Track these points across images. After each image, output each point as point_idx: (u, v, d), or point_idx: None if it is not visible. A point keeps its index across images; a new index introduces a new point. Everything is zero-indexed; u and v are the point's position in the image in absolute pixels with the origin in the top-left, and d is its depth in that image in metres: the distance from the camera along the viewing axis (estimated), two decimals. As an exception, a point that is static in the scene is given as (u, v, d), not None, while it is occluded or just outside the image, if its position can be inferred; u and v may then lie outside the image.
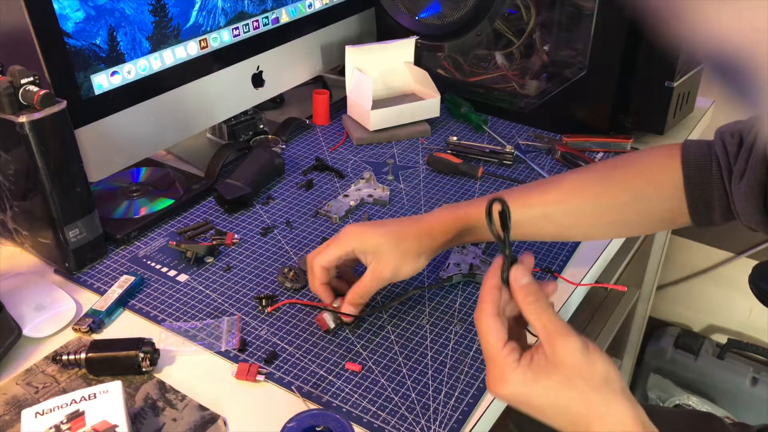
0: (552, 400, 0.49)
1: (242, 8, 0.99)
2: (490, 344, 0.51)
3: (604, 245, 0.88)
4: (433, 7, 1.16)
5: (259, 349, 0.71)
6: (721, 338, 1.70)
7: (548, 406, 0.49)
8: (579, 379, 0.48)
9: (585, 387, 0.48)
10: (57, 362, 0.68)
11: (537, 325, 0.50)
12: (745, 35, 0.32)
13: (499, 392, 0.50)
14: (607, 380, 0.48)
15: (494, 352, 0.50)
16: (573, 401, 0.48)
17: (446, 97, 1.18)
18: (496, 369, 0.50)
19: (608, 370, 0.49)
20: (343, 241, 0.70)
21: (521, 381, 0.49)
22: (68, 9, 0.77)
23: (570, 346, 0.48)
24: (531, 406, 0.50)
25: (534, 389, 0.49)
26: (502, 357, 0.50)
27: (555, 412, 0.49)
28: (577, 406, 0.48)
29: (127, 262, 0.83)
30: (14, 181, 0.76)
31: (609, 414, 0.48)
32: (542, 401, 0.49)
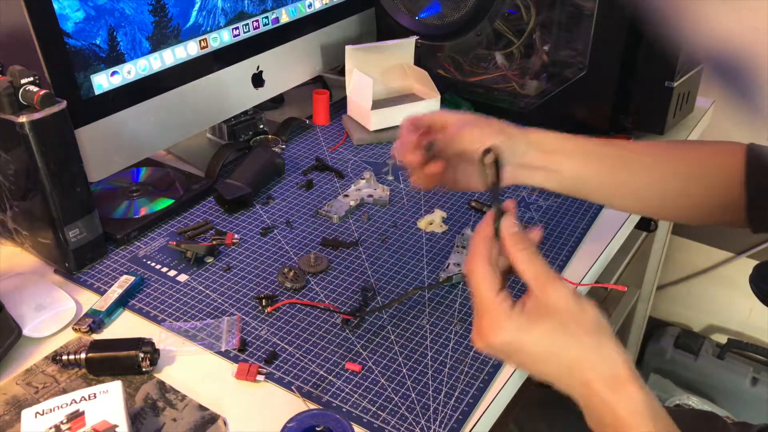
0: (546, 346, 0.49)
1: (242, 8, 0.99)
2: (483, 292, 0.50)
3: (604, 245, 0.88)
4: (433, 7, 1.16)
5: (259, 349, 0.71)
6: (721, 338, 1.70)
7: (542, 352, 0.49)
8: (573, 324, 0.48)
9: (578, 331, 0.48)
10: (57, 362, 0.68)
11: (528, 272, 0.50)
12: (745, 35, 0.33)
13: (493, 341, 0.49)
14: (599, 325, 0.48)
15: (488, 300, 0.50)
16: (567, 346, 0.48)
17: (446, 97, 1.18)
18: (488, 317, 0.49)
19: (598, 316, 0.49)
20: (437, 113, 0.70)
21: (515, 327, 0.49)
22: (68, 9, 0.77)
23: (562, 292, 0.49)
24: (524, 353, 0.49)
25: (529, 336, 0.49)
26: (495, 305, 0.49)
27: (548, 358, 0.49)
28: (570, 351, 0.48)
29: (127, 262, 0.83)
30: (14, 181, 0.76)
31: (602, 359, 0.48)
32: (536, 348, 0.49)
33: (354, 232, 0.90)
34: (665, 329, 1.72)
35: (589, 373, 0.48)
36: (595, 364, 0.48)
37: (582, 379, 0.49)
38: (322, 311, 0.76)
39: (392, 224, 0.91)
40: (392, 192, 0.98)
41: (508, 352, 0.50)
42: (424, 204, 0.95)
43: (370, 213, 0.93)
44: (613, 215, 0.93)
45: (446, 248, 0.86)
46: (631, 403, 0.47)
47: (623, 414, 0.47)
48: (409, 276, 0.81)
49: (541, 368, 0.50)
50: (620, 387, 0.48)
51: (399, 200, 0.96)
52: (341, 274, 0.82)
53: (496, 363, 0.69)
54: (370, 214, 0.93)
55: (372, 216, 0.93)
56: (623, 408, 0.47)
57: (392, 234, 0.89)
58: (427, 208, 0.95)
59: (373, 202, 0.95)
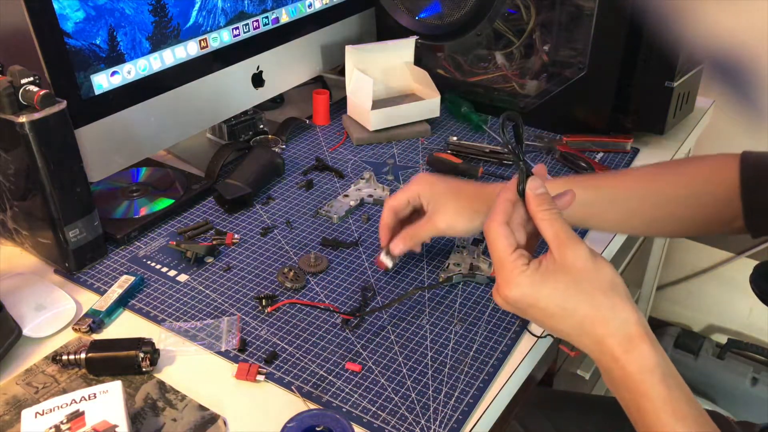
0: (560, 301, 0.50)
1: (242, 8, 0.99)
2: (499, 249, 0.52)
3: (604, 245, 0.88)
4: (433, 7, 1.16)
5: (259, 349, 0.71)
6: (721, 338, 1.70)
7: (555, 307, 0.50)
8: (587, 282, 0.50)
9: (592, 290, 0.50)
10: (57, 362, 0.68)
11: (548, 232, 0.51)
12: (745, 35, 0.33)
13: (508, 294, 0.51)
14: (614, 285, 0.50)
15: (503, 256, 0.52)
16: (580, 303, 0.50)
17: (446, 97, 1.18)
18: (504, 273, 0.51)
19: (614, 276, 0.50)
20: (413, 185, 0.75)
21: (529, 283, 0.50)
22: (68, 9, 0.77)
23: (579, 252, 0.50)
24: (538, 308, 0.51)
25: (542, 290, 0.50)
26: (510, 261, 0.51)
27: (561, 314, 0.50)
28: (584, 308, 0.50)
29: (127, 262, 0.83)
30: (14, 181, 0.76)
31: (614, 317, 0.50)
32: (549, 302, 0.50)
33: (354, 232, 0.90)
34: (665, 329, 1.72)
35: (601, 330, 0.50)
36: (607, 322, 0.50)
37: (594, 336, 0.50)
38: (322, 311, 0.76)
39: (392, 224, 0.91)
40: (392, 192, 0.98)
41: (523, 307, 0.52)
42: (424, 204, 0.95)
43: (370, 213, 0.93)
44: (613, 215, 0.93)
45: (446, 248, 0.86)
46: (642, 361, 0.49)
47: (633, 371, 0.49)
48: (409, 276, 0.81)
49: (554, 324, 0.51)
50: (632, 346, 0.49)
51: (399, 200, 0.96)
52: (341, 274, 0.82)
53: (496, 363, 0.69)
54: (370, 214, 0.93)
55: (372, 216, 0.93)
56: (634, 366, 0.49)
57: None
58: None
59: (373, 202, 0.95)
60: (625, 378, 0.49)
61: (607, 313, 0.50)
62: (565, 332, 0.52)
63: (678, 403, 0.49)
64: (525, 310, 0.52)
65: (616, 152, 1.07)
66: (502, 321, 0.74)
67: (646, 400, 0.49)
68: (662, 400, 0.49)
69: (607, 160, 1.06)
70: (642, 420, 0.50)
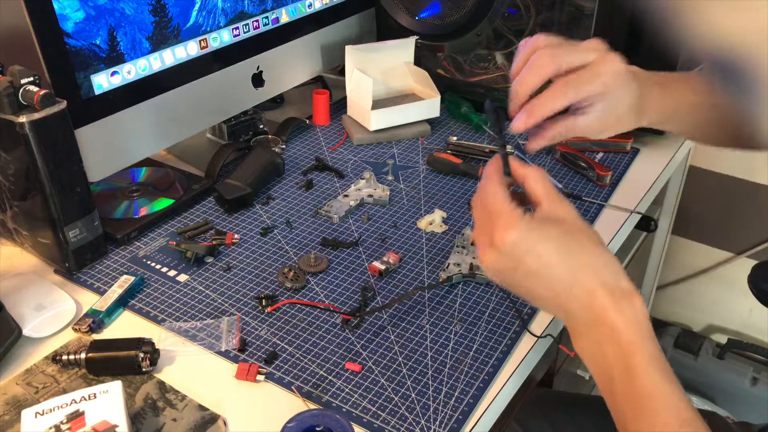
0: (556, 248, 0.50)
1: (242, 8, 0.99)
2: (498, 200, 0.52)
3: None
4: (433, 7, 1.15)
5: (259, 349, 0.71)
6: (721, 338, 1.70)
7: (553, 251, 0.50)
8: (580, 233, 0.51)
9: (585, 240, 0.51)
10: (57, 362, 0.68)
11: (538, 189, 0.53)
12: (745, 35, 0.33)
13: (506, 238, 0.51)
14: (602, 240, 0.52)
15: (501, 205, 0.52)
16: (575, 250, 0.51)
17: (446, 97, 1.18)
18: (503, 219, 0.51)
19: (601, 238, 0.52)
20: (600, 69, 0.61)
21: (527, 228, 0.51)
22: (68, 9, 0.77)
23: (569, 207, 0.52)
24: (534, 255, 0.50)
25: (540, 235, 0.51)
26: (509, 209, 0.52)
27: (558, 262, 0.50)
28: (579, 256, 0.50)
29: (127, 262, 0.83)
30: (14, 181, 0.76)
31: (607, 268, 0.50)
32: (548, 246, 0.50)
33: (354, 232, 0.90)
34: (665, 329, 1.72)
35: (594, 279, 0.50)
36: (601, 272, 0.50)
37: (586, 286, 0.50)
38: (322, 311, 0.76)
39: (392, 224, 0.91)
40: (392, 192, 0.98)
41: (520, 254, 0.51)
42: (424, 204, 0.95)
43: (370, 213, 0.93)
44: (613, 215, 0.94)
45: (446, 248, 0.86)
46: (632, 313, 0.49)
47: (621, 323, 0.49)
48: (409, 276, 0.81)
49: (549, 274, 0.51)
50: (623, 297, 0.49)
51: (399, 200, 0.96)
52: (341, 274, 0.82)
53: (496, 363, 0.69)
54: (370, 214, 0.93)
55: (372, 216, 0.93)
56: (625, 317, 0.49)
57: (392, 234, 0.89)
58: (427, 208, 0.95)
59: (373, 202, 0.95)
60: (614, 332, 0.49)
61: (601, 263, 0.50)
62: (555, 285, 0.51)
63: (664, 362, 0.49)
64: (520, 258, 0.51)
65: (616, 152, 1.07)
66: (502, 321, 0.74)
67: (636, 355, 0.49)
68: (651, 356, 0.49)
69: (607, 160, 1.06)
70: (629, 379, 0.49)
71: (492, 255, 0.53)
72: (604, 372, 0.51)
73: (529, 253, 0.51)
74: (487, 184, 0.54)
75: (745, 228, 1.57)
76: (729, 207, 1.57)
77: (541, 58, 0.60)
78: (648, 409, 0.48)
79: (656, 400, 0.48)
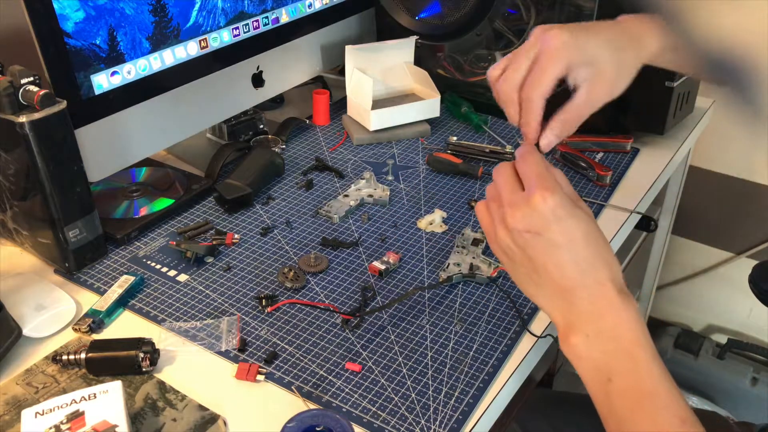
0: (585, 228, 0.52)
1: (242, 8, 0.99)
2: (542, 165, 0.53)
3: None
4: (433, 7, 1.15)
5: (259, 349, 0.71)
6: (721, 338, 1.70)
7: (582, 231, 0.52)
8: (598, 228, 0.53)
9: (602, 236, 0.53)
10: (57, 362, 0.68)
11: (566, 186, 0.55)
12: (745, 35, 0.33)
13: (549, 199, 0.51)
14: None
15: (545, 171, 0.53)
16: (600, 240, 0.53)
17: (446, 97, 1.18)
18: (548, 181, 0.52)
19: None
20: (560, 54, 0.59)
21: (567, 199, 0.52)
22: (68, 9, 0.77)
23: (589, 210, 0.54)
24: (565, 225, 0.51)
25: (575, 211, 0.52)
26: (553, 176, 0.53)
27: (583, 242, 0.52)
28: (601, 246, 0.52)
29: (127, 262, 0.83)
30: (14, 181, 0.76)
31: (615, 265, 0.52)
32: (580, 222, 0.52)
33: (354, 232, 0.90)
34: (665, 329, 1.72)
35: (607, 272, 0.51)
36: (612, 267, 0.52)
37: (599, 277, 0.51)
38: (322, 311, 0.76)
39: (392, 224, 0.91)
40: (392, 192, 0.98)
41: (552, 219, 0.51)
42: (424, 204, 0.95)
43: (370, 213, 0.93)
44: (613, 215, 0.94)
45: (446, 248, 0.86)
46: (634, 311, 0.50)
47: (626, 319, 0.50)
48: (409, 276, 0.81)
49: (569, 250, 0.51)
50: (625, 293, 0.51)
51: (399, 200, 0.96)
52: (341, 274, 0.82)
53: (496, 363, 0.69)
54: (370, 214, 0.93)
55: (372, 216, 0.93)
56: (628, 313, 0.50)
57: (392, 234, 0.89)
58: (427, 208, 0.95)
59: (373, 202, 0.95)
60: (619, 326, 0.50)
61: (612, 260, 0.52)
62: (570, 265, 0.52)
63: (662, 362, 0.51)
64: (550, 224, 0.51)
65: (616, 152, 1.07)
66: (502, 321, 0.74)
67: (640, 348, 0.50)
68: (653, 353, 0.50)
69: (607, 160, 1.05)
70: (633, 373, 0.50)
71: (523, 211, 0.52)
72: (600, 369, 0.51)
73: (561, 221, 0.51)
74: (528, 154, 0.55)
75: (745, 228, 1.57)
76: (729, 207, 1.57)
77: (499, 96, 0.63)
78: (650, 407, 0.49)
79: (658, 398, 0.48)
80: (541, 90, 0.60)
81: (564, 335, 0.53)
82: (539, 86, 0.59)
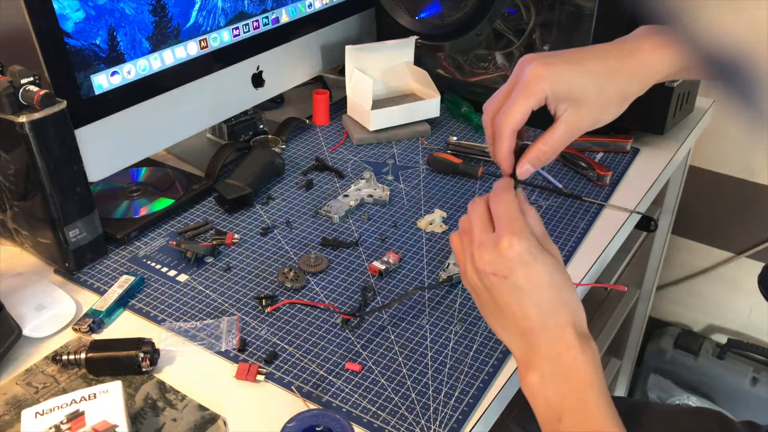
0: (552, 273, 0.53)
1: (242, 8, 0.99)
2: (513, 207, 0.55)
3: (604, 245, 0.88)
4: (433, 7, 1.15)
5: (259, 349, 0.71)
6: (721, 338, 1.70)
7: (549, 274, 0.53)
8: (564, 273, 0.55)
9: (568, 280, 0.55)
10: (57, 362, 0.68)
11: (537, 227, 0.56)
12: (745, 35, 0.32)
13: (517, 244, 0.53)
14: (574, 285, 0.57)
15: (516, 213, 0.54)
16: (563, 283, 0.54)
17: (446, 97, 1.18)
18: (517, 224, 0.54)
19: None
20: (534, 88, 0.58)
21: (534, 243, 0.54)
22: (68, 9, 0.77)
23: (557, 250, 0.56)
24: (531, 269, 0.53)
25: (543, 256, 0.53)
26: (523, 219, 0.54)
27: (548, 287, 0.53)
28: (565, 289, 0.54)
29: (127, 262, 0.83)
30: (14, 181, 0.76)
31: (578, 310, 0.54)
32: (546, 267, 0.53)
33: (354, 232, 0.90)
34: (665, 329, 1.72)
35: (569, 317, 0.53)
36: (575, 312, 0.53)
37: (560, 321, 0.53)
38: (322, 311, 0.76)
39: (392, 224, 0.91)
40: (392, 192, 0.98)
41: (517, 263, 0.53)
42: (424, 204, 0.95)
43: (370, 213, 0.93)
44: (613, 215, 0.94)
45: (446, 248, 0.86)
46: (592, 354, 0.52)
47: (584, 362, 0.52)
48: (409, 276, 0.81)
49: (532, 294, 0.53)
50: (586, 339, 0.53)
51: (399, 200, 0.96)
52: (341, 274, 0.82)
53: (496, 363, 0.69)
54: (370, 214, 0.93)
55: (372, 216, 0.93)
56: (586, 356, 0.52)
57: (392, 234, 0.89)
58: (427, 208, 0.95)
59: (373, 202, 0.95)
60: (573, 368, 0.52)
61: (575, 305, 0.54)
62: (533, 309, 0.53)
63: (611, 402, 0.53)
64: (514, 268, 0.53)
65: (616, 152, 1.07)
66: (502, 321, 0.74)
67: (591, 390, 0.52)
68: (603, 392, 0.52)
69: (607, 160, 1.06)
70: (582, 411, 0.52)
71: (491, 255, 0.54)
72: (553, 409, 0.53)
73: (526, 265, 0.53)
74: (502, 192, 0.56)
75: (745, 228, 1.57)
76: (729, 207, 1.57)
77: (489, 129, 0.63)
78: None
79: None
80: (509, 122, 0.59)
81: (522, 372, 0.55)
82: (508, 118, 0.59)
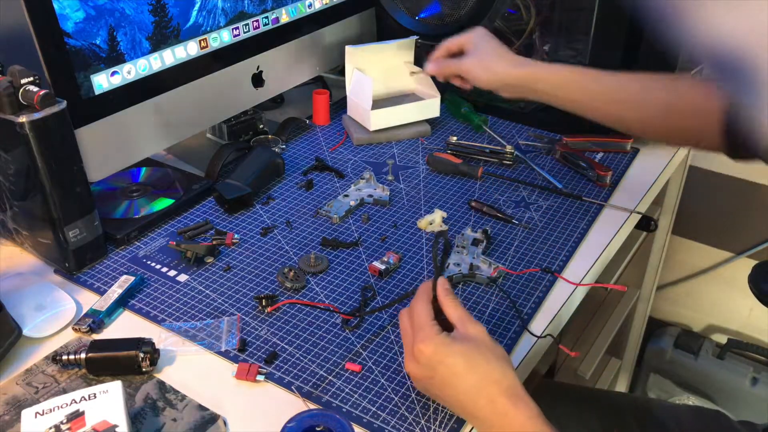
0: (464, 362, 0.58)
1: (242, 8, 0.99)
2: (423, 316, 0.62)
3: (604, 245, 0.88)
4: (433, 7, 1.15)
5: (259, 349, 0.71)
6: (721, 338, 1.70)
7: (462, 364, 0.58)
8: (485, 348, 0.60)
9: (489, 355, 0.59)
10: (57, 362, 0.68)
11: (454, 314, 0.62)
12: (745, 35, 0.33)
13: (424, 349, 0.59)
14: (504, 355, 0.60)
15: (425, 321, 0.61)
16: (481, 363, 0.58)
17: (446, 97, 1.18)
18: (424, 332, 0.60)
19: (503, 350, 0.61)
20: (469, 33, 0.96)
21: (442, 342, 0.59)
22: (68, 9, 0.77)
23: (479, 328, 0.61)
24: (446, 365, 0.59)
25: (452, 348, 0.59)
26: (431, 324, 0.61)
27: (464, 373, 0.58)
28: (481, 367, 0.58)
29: (127, 262, 0.83)
30: (14, 181, 0.76)
31: (504, 376, 0.58)
32: (458, 359, 0.58)
33: (354, 232, 0.90)
34: (665, 329, 1.72)
35: (494, 387, 0.57)
36: (499, 380, 0.58)
37: (489, 395, 0.57)
38: (322, 311, 0.76)
39: (392, 224, 0.91)
40: (392, 192, 0.98)
41: (434, 363, 0.59)
42: (424, 204, 0.95)
43: (370, 213, 0.93)
44: (613, 215, 0.94)
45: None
46: (528, 411, 0.56)
47: (520, 420, 0.56)
48: (409, 276, 0.81)
49: (457, 382, 0.58)
50: (518, 398, 0.57)
51: (399, 200, 0.96)
52: (341, 274, 0.82)
53: (496, 363, 0.69)
54: (370, 214, 0.93)
55: (372, 216, 0.93)
56: (522, 414, 0.56)
57: (392, 234, 0.89)
58: (427, 208, 0.95)
59: (373, 202, 0.95)
60: (513, 427, 0.56)
61: (499, 373, 0.58)
62: (461, 395, 0.58)
63: None
64: (434, 368, 0.59)
65: (616, 152, 1.07)
66: (502, 321, 0.75)
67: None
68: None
69: (607, 160, 1.06)
70: None
71: (412, 364, 0.61)
72: None
73: (441, 363, 0.59)
74: (416, 302, 0.63)
75: (745, 228, 1.57)
76: (729, 207, 1.57)
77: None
78: None
79: None
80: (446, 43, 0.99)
81: None
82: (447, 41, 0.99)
